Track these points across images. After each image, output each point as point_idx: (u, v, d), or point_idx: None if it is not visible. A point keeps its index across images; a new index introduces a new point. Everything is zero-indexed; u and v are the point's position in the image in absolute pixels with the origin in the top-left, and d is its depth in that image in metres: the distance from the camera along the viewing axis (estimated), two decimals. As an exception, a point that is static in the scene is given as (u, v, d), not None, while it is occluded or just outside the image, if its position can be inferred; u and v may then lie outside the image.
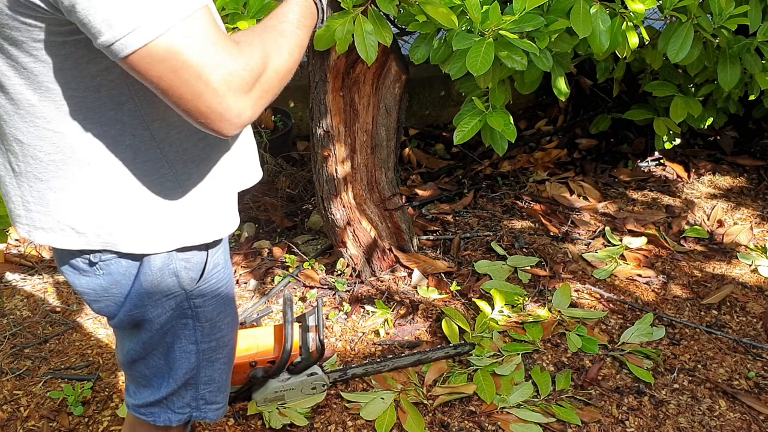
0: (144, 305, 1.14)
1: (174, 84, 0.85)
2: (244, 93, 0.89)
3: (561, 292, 2.46)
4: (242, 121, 0.90)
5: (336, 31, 1.93)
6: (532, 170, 3.37)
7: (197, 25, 0.85)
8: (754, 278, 2.61)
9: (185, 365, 1.24)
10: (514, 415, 1.96)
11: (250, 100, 0.90)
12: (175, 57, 0.84)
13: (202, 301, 1.19)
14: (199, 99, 0.86)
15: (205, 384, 1.29)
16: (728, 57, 2.46)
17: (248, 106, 0.90)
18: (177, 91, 0.86)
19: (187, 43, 0.84)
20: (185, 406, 1.30)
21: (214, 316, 1.23)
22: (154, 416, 1.30)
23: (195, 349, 1.23)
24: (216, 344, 1.26)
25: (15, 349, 2.20)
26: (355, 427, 1.93)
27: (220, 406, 1.35)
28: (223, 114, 0.88)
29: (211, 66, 0.85)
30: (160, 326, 1.18)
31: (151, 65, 0.84)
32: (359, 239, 2.48)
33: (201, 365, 1.26)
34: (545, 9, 2.08)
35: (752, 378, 2.12)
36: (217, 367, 1.30)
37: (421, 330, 2.31)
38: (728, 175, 3.38)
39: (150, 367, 1.24)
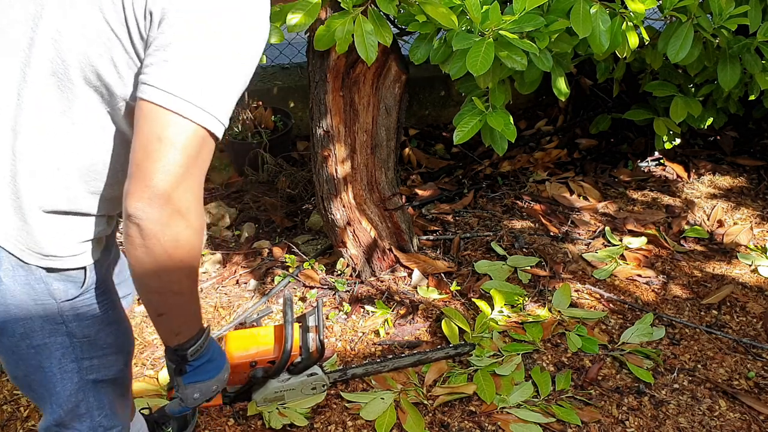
0: (7, 304, 1.10)
1: (152, 146, 0.96)
2: (171, 204, 0.96)
3: (561, 292, 2.46)
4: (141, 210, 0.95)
5: (336, 31, 1.93)
6: (532, 170, 3.37)
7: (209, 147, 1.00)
8: (754, 278, 2.61)
9: (68, 386, 1.19)
10: (514, 415, 1.96)
11: (163, 213, 0.96)
12: (178, 140, 0.96)
13: (76, 315, 1.16)
14: (157, 165, 0.95)
15: (98, 410, 1.25)
16: (728, 57, 2.46)
17: (156, 212, 0.96)
18: (147, 148, 0.96)
19: (192, 143, 0.97)
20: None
21: (92, 334, 1.19)
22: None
23: (76, 368, 1.19)
24: (98, 363, 1.22)
25: (15, 349, 2.20)
26: (355, 427, 1.93)
27: (120, 428, 1.32)
28: (148, 189, 0.95)
29: (188, 169, 0.97)
30: (28, 336, 1.13)
31: (158, 123, 0.96)
32: (359, 239, 2.48)
33: (87, 389, 1.22)
34: (545, 9, 2.08)
35: (752, 378, 2.12)
36: (104, 390, 1.25)
37: (421, 330, 2.31)
38: (728, 175, 3.38)
39: (31, 389, 1.21)
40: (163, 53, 0.97)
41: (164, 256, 0.98)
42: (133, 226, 0.97)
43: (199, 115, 0.96)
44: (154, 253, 0.98)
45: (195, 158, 0.97)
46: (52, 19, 1.01)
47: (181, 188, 0.96)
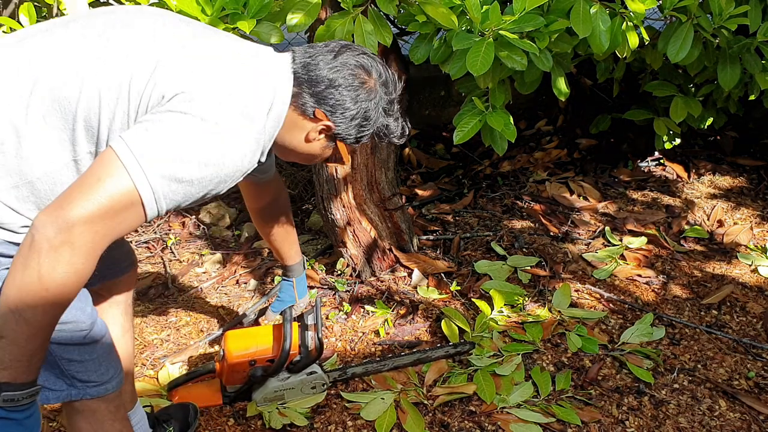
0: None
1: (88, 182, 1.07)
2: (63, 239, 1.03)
3: (561, 292, 2.46)
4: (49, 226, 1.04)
5: (336, 31, 1.93)
6: (532, 170, 3.37)
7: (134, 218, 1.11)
8: (754, 278, 2.61)
9: None
10: (514, 415, 1.96)
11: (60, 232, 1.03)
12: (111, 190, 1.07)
13: None
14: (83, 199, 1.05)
15: (66, 362, 1.27)
16: (728, 57, 2.46)
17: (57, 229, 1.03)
18: (84, 181, 1.08)
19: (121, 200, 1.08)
20: (59, 383, 1.29)
21: None
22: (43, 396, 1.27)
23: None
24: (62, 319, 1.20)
25: (15, 349, 2.20)
26: (355, 427, 1.93)
27: (97, 383, 1.32)
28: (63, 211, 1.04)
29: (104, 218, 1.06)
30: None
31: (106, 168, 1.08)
32: (359, 239, 2.48)
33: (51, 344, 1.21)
34: (545, 9, 2.08)
35: (752, 378, 2.12)
36: (67, 346, 1.26)
37: (421, 330, 2.31)
38: (728, 175, 3.38)
39: None
40: (149, 123, 1.11)
41: (35, 275, 1.03)
42: (28, 236, 1.04)
43: (141, 181, 1.07)
44: (29, 268, 1.03)
45: (115, 213, 1.06)
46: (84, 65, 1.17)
47: (86, 227, 1.04)
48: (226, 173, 1.18)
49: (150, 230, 2.86)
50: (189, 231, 2.87)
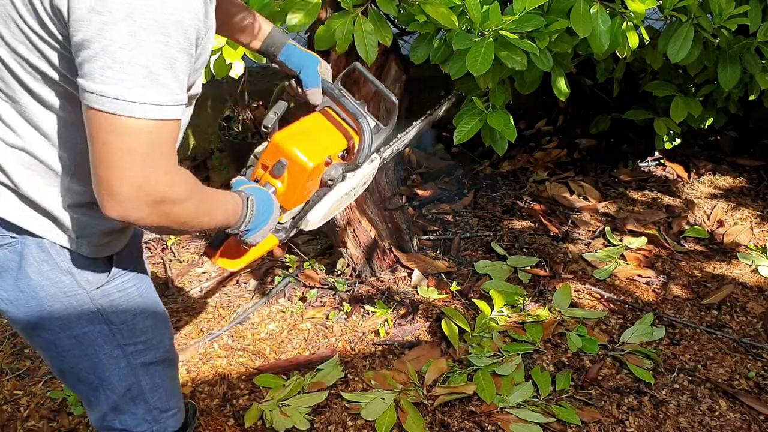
0: (40, 299, 1.12)
1: (109, 154, 0.91)
2: (148, 201, 0.93)
3: (561, 292, 2.46)
4: (124, 215, 0.94)
5: (336, 32, 1.93)
6: (532, 170, 3.37)
7: (162, 131, 0.93)
8: (754, 278, 2.61)
9: (116, 372, 1.21)
10: (514, 415, 1.96)
11: (146, 210, 0.94)
12: (129, 139, 0.91)
13: (110, 302, 1.17)
14: (112, 173, 0.91)
15: (151, 392, 1.27)
16: (728, 57, 2.46)
17: (139, 212, 0.94)
18: (105, 157, 0.91)
19: (145, 137, 0.91)
20: (142, 422, 1.28)
21: (129, 318, 1.21)
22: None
23: (122, 353, 1.21)
24: (144, 346, 1.24)
25: (15, 349, 2.20)
26: (355, 427, 1.93)
27: (175, 411, 1.33)
28: (115, 197, 0.92)
29: (145, 165, 0.92)
30: (67, 328, 1.15)
31: (108, 130, 0.90)
32: (359, 239, 2.48)
33: (137, 372, 1.24)
34: (545, 9, 2.08)
35: (752, 378, 2.12)
36: (155, 371, 1.26)
37: (421, 330, 2.31)
38: (728, 175, 3.38)
39: (83, 382, 1.22)
40: (85, 51, 0.89)
41: (174, 228, 1.01)
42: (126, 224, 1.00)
43: (140, 110, 0.90)
44: (164, 230, 1.01)
45: (148, 150, 0.92)
46: None
47: (146, 186, 0.92)
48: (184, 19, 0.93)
49: (150, 230, 2.86)
50: (189, 231, 2.88)
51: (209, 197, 1.06)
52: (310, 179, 1.32)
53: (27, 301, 1.11)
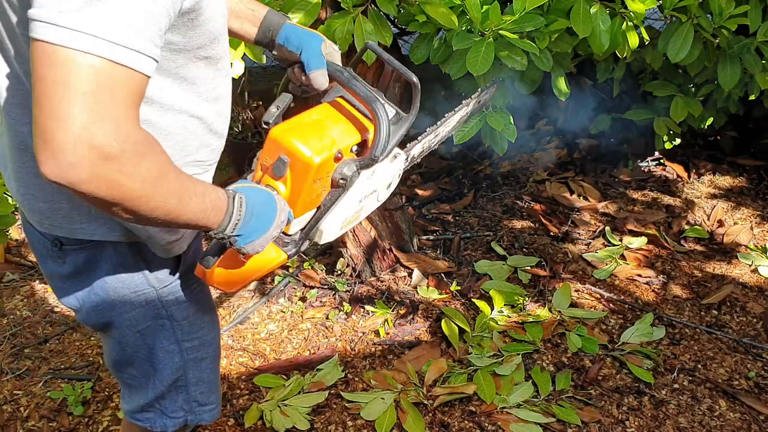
0: (111, 300, 1.14)
1: (45, 90, 0.76)
2: (90, 157, 0.76)
3: (561, 292, 2.46)
4: (62, 175, 0.77)
5: (336, 31, 1.93)
6: (532, 170, 3.37)
7: (114, 74, 0.78)
8: (754, 278, 2.61)
9: (170, 365, 1.25)
10: (514, 415, 1.96)
11: (88, 169, 0.77)
12: (67, 71, 0.76)
13: (175, 299, 1.20)
14: (48, 115, 0.76)
15: (195, 385, 1.30)
16: (728, 57, 2.46)
17: (80, 171, 0.77)
18: (41, 96, 0.76)
19: (87, 73, 0.76)
20: (178, 410, 1.30)
21: (190, 315, 1.23)
22: (150, 422, 1.30)
23: (177, 349, 1.24)
24: (199, 342, 1.27)
25: (15, 349, 2.20)
26: (355, 427, 1.93)
27: (213, 406, 1.35)
28: (51, 147, 0.76)
29: (86, 106, 0.76)
30: (134, 325, 1.18)
31: (44, 63, 0.76)
32: (359, 239, 2.48)
33: (187, 365, 1.27)
34: (545, 9, 2.08)
35: (752, 378, 2.12)
36: (204, 366, 1.30)
37: (421, 330, 2.31)
38: (728, 175, 3.38)
39: (137, 369, 1.25)
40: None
41: (127, 206, 0.83)
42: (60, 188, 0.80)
43: (97, 46, 0.75)
44: (116, 210, 0.83)
45: (91, 88, 0.76)
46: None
47: (87, 134, 0.76)
48: None
49: (150, 230, 2.87)
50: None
51: (180, 177, 0.88)
52: (317, 179, 1.10)
53: (98, 303, 1.14)
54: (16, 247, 2.69)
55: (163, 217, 0.87)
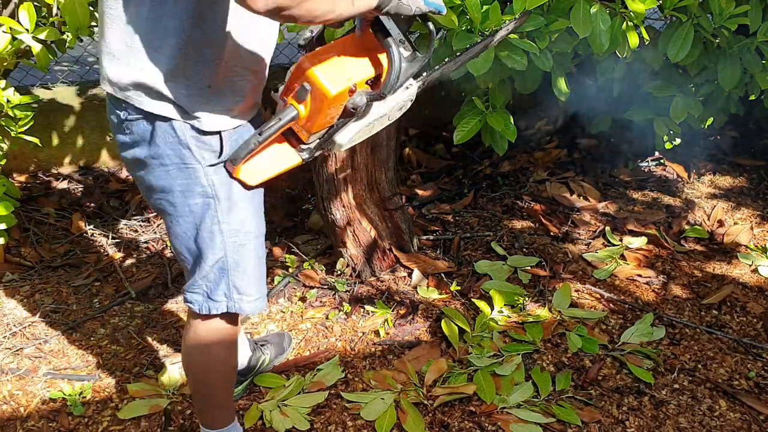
0: (165, 168, 1.33)
1: None
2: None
3: (561, 292, 2.46)
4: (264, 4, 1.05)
5: (336, 31, 1.93)
6: (532, 170, 3.37)
7: None
8: (755, 278, 2.61)
9: (211, 245, 1.40)
10: (514, 416, 1.96)
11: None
12: None
13: (219, 179, 1.36)
14: None
15: (234, 270, 1.44)
16: (728, 57, 2.47)
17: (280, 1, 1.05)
18: None
19: None
20: (220, 294, 1.45)
21: (232, 196, 1.38)
22: (197, 304, 1.47)
23: (218, 230, 1.39)
24: (238, 227, 1.41)
25: (15, 349, 2.20)
26: (355, 428, 1.93)
27: (254, 298, 1.50)
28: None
29: None
30: (186, 200, 1.36)
31: None
32: (359, 239, 2.48)
33: (227, 248, 1.41)
34: (545, 9, 2.08)
35: (752, 378, 2.12)
36: (244, 253, 1.44)
37: (421, 330, 2.31)
38: (728, 175, 3.38)
39: (186, 247, 1.43)
40: None
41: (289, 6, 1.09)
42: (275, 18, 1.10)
43: None
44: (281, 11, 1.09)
45: None
46: None
47: None
48: None
49: (150, 230, 2.86)
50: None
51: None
52: (332, 106, 1.31)
53: (157, 166, 1.33)
54: (16, 247, 2.69)
55: (311, 15, 1.12)
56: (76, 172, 3.26)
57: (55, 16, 2.22)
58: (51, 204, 2.98)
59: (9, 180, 2.37)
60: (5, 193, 2.26)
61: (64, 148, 3.23)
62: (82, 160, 3.29)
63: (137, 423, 1.93)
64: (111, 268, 2.62)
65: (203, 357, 1.57)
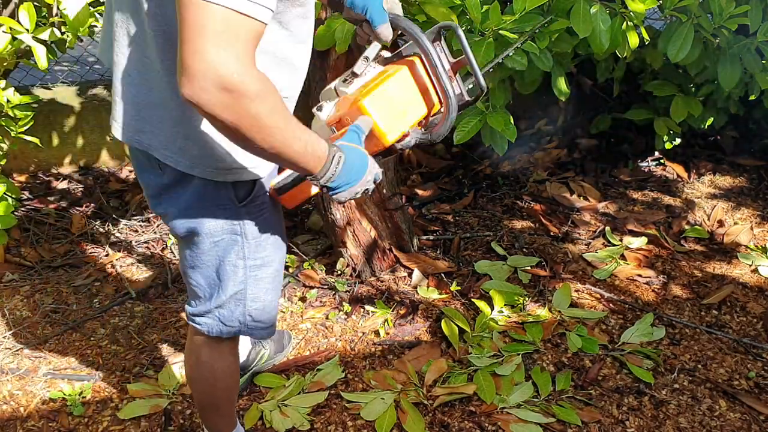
0: (198, 209, 1.32)
1: (186, 30, 0.95)
2: (216, 84, 0.95)
3: (561, 292, 2.46)
4: (194, 96, 0.96)
5: (336, 31, 1.93)
6: (532, 170, 3.37)
7: (239, 21, 0.96)
8: (754, 278, 2.61)
9: (233, 278, 1.40)
10: (514, 416, 1.96)
11: (214, 95, 0.96)
12: (204, 15, 0.94)
13: (250, 218, 1.36)
14: (187, 48, 0.95)
15: (251, 301, 1.45)
16: (728, 57, 2.47)
17: (208, 95, 0.96)
18: (183, 34, 0.95)
19: (221, 17, 0.95)
20: (234, 321, 1.46)
21: (259, 235, 1.39)
22: (207, 326, 1.47)
23: (242, 264, 1.39)
24: (261, 263, 1.42)
25: (15, 349, 2.20)
26: (355, 428, 1.93)
27: (266, 326, 1.52)
28: (187, 73, 0.96)
29: (215, 42, 0.95)
30: (212, 235, 1.35)
31: (188, 7, 0.95)
32: (359, 239, 2.48)
33: (248, 281, 1.42)
34: (545, 9, 2.08)
35: (752, 378, 2.12)
36: (263, 286, 1.45)
37: (421, 330, 2.31)
38: (728, 175, 3.38)
39: (204, 277, 1.42)
40: None
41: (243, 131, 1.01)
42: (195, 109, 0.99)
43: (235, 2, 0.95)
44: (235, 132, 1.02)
45: (221, 28, 0.95)
46: None
47: (214, 66, 0.95)
48: None
49: (150, 230, 2.86)
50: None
51: (288, 119, 1.06)
52: (384, 150, 1.30)
53: (187, 211, 1.32)
54: (16, 247, 2.69)
55: (269, 149, 1.05)
56: (76, 172, 3.26)
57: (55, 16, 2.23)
58: (51, 204, 2.98)
59: (9, 180, 2.37)
60: (5, 193, 2.26)
61: (64, 148, 3.23)
62: (82, 160, 3.29)
63: (137, 423, 1.93)
64: (111, 268, 2.62)
65: (209, 374, 1.56)
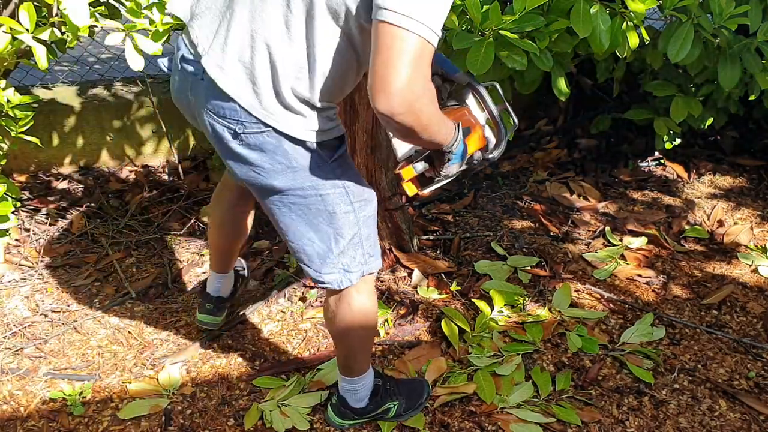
0: (294, 167, 1.44)
1: (389, 55, 1.18)
2: (409, 99, 1.20)
3: (561, 292, 2.46)
4: (389, 108, 1.20)
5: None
6: (532, 170, 3.37)
7: (426, 49, 1.20)
8: (755, 278, 2.61)
9: (347, 223, 1.54)
10: (514, 415, 1.96)
11: (405, 107, 1.20)
12: (408, 44, 1.17)
13: (342, 169, 1.51)
14: (389, 69, 1.18)
15: (366, 239, 1.59)
16: (728, 57, 2.47)
17: (401, 107, 1.20)
18: (386, 57, 1.18)
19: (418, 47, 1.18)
20: (357, 264, 1.59)
21: (355, 180, 1.54)
22: (337, 282, 1.60)
23: (352, 209, 1.53)
24: (364, 202, 1.56)
25: (15, 349, 2.20)
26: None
27: (378, 256, 1.66)
28: (387, 90, 1.19)
29: (412, 66, 1.19)
30: (316, 188, 1.47)
31: (393, 37, 1.17)
32: (359, 239, 2.47)
33: (360, 223, 1.56)
34: (545, 9, 2.08)
35: (752, 378, 2.12)
36: (371, 222, 1.60)
37: (421, 330, 2.31)
38: (728, 175, 3.38)
39: (317, 233, 1.53)
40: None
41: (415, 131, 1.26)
42: (384, 118, 1.23)
43: (420, 29, 1.17)
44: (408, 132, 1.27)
45: (417, 56, 1.18)
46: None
47: (409, 84, 1.18)
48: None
49: (150, 230, 2.86)
50: (189, 231, 2.87)
51: (441, 115, 1.34)
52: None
53: (283, 170, 1.44)
54: (16, 247, 2.69)
55: (428, 139, 1.32)
56: (76, 172, 3.26)
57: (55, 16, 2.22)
58: (51, 204, 2.98)
59: (9, 180, 2.37)
60: (5, 193, 2.26)
61: (64, 148, 3.23)
62: (82, 160, 3.29)
63: (137, 423, 1.93)
64: (111, 268, 2.62)
65: (363, 317, 1.68)
